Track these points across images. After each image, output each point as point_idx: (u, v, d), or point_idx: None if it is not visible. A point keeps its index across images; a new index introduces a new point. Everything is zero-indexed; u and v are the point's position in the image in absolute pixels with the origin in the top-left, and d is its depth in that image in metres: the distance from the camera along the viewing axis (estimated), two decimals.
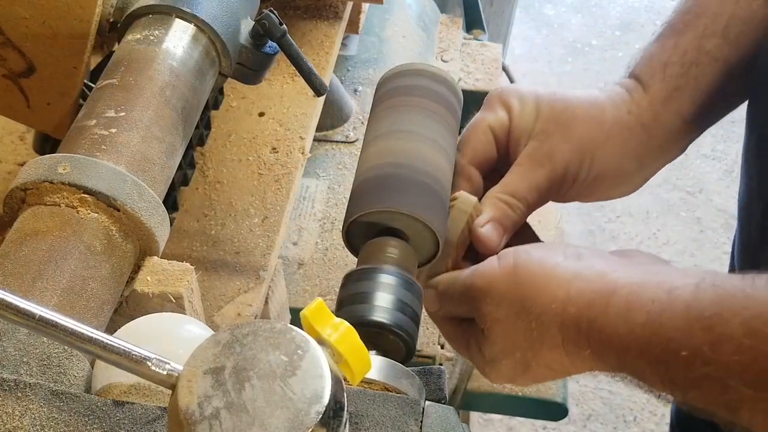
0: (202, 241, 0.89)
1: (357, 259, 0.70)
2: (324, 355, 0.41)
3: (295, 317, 0.54)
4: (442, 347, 1.07)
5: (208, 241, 0.89)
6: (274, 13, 0.76)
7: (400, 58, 1.31)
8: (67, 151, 0.64)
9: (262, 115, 1.01)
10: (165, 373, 0.41)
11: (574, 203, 0.72)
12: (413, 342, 0.64)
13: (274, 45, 0.78)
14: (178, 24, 0.73)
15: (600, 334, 0.53)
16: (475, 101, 1.33)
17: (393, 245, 0.68)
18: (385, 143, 0.72)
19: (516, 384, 0.64)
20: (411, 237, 0.69)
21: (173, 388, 0.40)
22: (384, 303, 0.64)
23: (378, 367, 0.57)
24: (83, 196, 0.61)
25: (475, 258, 0.62)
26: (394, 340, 0.63)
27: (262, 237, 0.89)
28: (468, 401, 1.07)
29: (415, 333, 0.65)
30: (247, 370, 0.40)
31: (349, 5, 1.14)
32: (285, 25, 0.77)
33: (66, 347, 0.51)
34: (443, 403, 0.53)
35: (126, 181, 0.62)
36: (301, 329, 0.43)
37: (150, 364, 0.41)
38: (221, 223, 0.90)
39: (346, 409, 0.41)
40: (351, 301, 0.65)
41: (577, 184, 0.66)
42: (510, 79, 1.42)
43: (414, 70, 0.77)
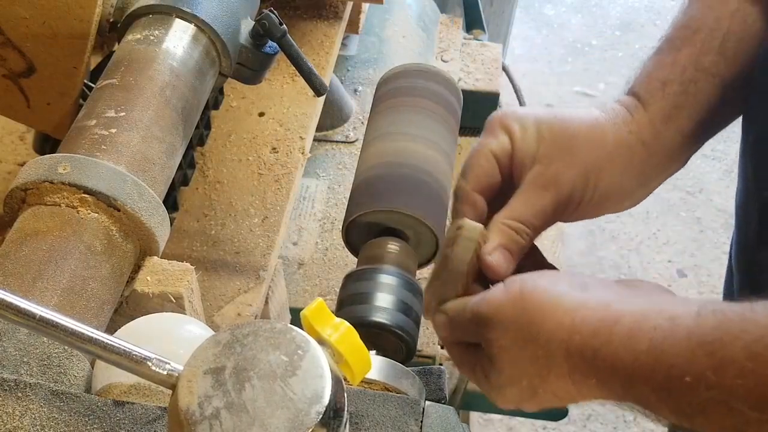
0: (202, 241, 0.89)
1: (357, 259, 0.71)
2: (324, 355, 0.41)
3: (295, 317, 0.54)
4: (442, 347, 1.08)
5: (208, 241, 0.89)
6: (274, 13, 0.76)
7: (400, 58, 1.31)
8: (67, 151, 0.64)
9: (262, 115, 1.01)
10: (165, 373, 0.41)
11: None
12: (413, 342, 0.65)
13: (274, 45, 0.78)
14: (178, 24, 0.73)
15: (604, 363, 0.53)
16: (475, 101, 1.34)
17: (393, 245, 0.68)
18: (385, 143, 0.72)
19: (523, 409, 0.64)
20: (411, 237, 0.69)
21: (173, 388, 0.40)
22: (384, 303, 0.64)
23: (378, 367, 0.57)
24: (83, 196, 0.60)
25: (485, 282, 0.63)
26: (394, 341, 0.63)
27: (262, 237, 0.89)
28: (468, 401, 1.07)
29: (416, 333, 0.65)
30: (248, 370, 0.40)
31: (349, 5, 1.14)
32: (285, 25, 0.77)
33: (66, 347, 0.51)
34: (443, 403, 0.53)
35: (126, 181, 0.62)
36: (302, 329, 0.43)
37: (150, 364, 0.41)
38: (221, 223, 0.90)
39: (346, 409, 0.41)
40: (351, 302, 0.65)
41: (581, 205, 0.67)
42: (510, 79, 1.42)
43: (414, 70, 0.77)
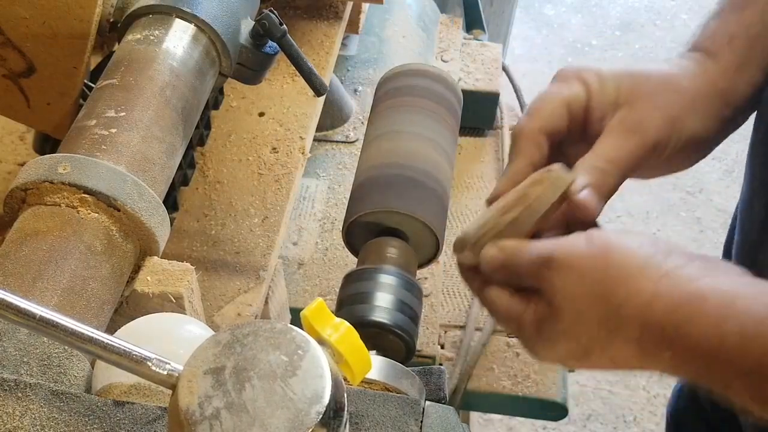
0: (202, 241, 0.89)
1: (357, 259, 0.71)
2: (324, 355, 0.41)
3: (295, 317, 0.54)
4: (442, 347, 1.08)
5: (208, 241, 0.89)
6: (274, 13, 0.76)
7: (400, 58, 1.31)
8: (67, 151, 0.64)
9: (262, 115, 1.01)
10: (165, 373, 0.41)
11: None
12: (413, 342, 0.65)
13: (274, 45, 0.78)
14: (178, 24, 0.73)
15: (687, 340, 0.52)
16: (475, 101, 1.34)
17: (393, 245, 0.68)
18: (385, 143, 0.72)
19: (564, 365, 0.61)
20: (411, 237, 0.69)
21: (173, 388, 0.40)
22: (384, 303, 0.64)
23: (378, 367, 0.57)
24: (83, 196, 0.60)
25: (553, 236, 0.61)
26: (394, 340, 0.64)
27: (262, 237, 0.89)
28: (468, 401, 1.07)
29: (415, 333, 0.65)
30: (248, 370, 0.40)
31: (349, 5, 1.14)
32: (285, 25, 0.77)
33: (66, 347, 0.51)
34: (443, 403, 0.53)
35: (126, 181, 0.62)
36: (302, 329, 0.43)
37: (150, 364, 0.41)
38: (221, 223, 0.90)
39: (346, 409, 0.41)
40: (351, 301, 0.65)
41: (666, 152, 0.66)
42: (510, 79, 1.42)
43: (414, 70, 0.77)
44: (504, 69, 1.40)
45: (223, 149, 0.97)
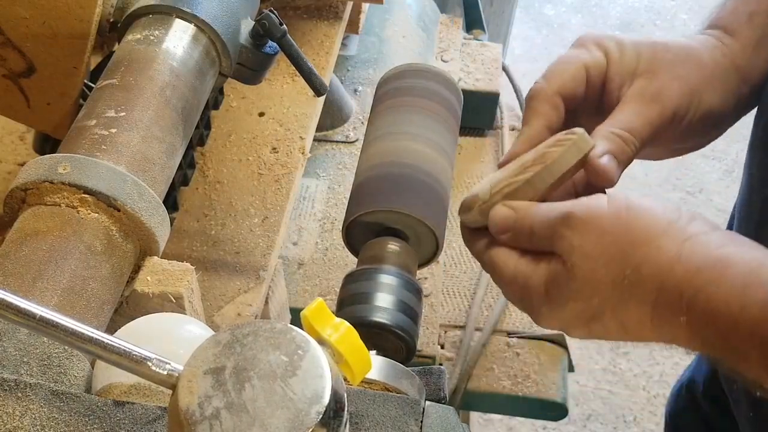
0: (202, 241, 0.89)
1: (357, 259, 0.71)
2: (324, 355, 0.41)
3: (295, 317, 0.54)
4: (442, 347, 1.08)
5: (208, 241, 0.89)
6: (274, 13, 0.76)
7: (400, 58, 1.31)
8: (67, 151, 0.64)
9: (262, 115, 1.01)
10: (165, 373, 0.41)
11: None
12: (413, 342, 0.64)
13: (274, 45, 0.78)
14: (178, 24, 0.73)
15: (707, 306, 0.50)
16: (475, 101, 1.34)
17: (393, 245, 0.68)
18: (385, 143, 0.72)
19: (569, 333, 0.59)
20: (411, 237, 0.69)
21: (173, 388, 0.40)
22: (384, 303, 0.64)
23: (378, 367, 0.57)
24: (83, 196, 0.60)
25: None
26: (394, 341, 0.63)
27: (262, 237, 0.89)
28: (468, 401, 1.07)
29: (416, 333, 0.65)
30: (248, 371, 0.40)
31: (349, 5, 1.14)
32: (285, 25, 0.77)
33: (66, 347, 0.50)
34: (443, 403, 0.53)
35: (126, 181, 0.62)
36: (302, 329, 0.43)
37: (150, 364, 0.41)
38: (221, 223, 0.90)
39: (346, 409, 0.41)
40: (351, 302, 0.65)
41: (684, 124, 0.65)
42: (510, 79, 1.42)
43: (414, 70, 0.77)
44: (504, 69, 1.40)
45: (223, 149, 0.97)
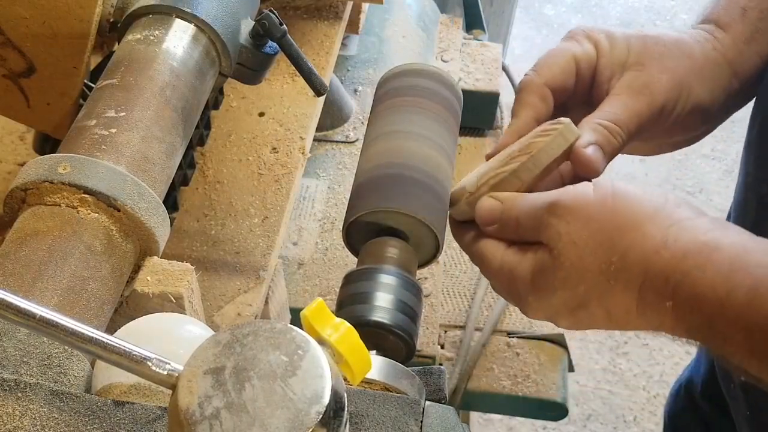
0: (202, 241, 0.89)
1: (357, 259, 0.71)
2: (324, 355, 0.41)
3: (295, 317, 0.54)
4: (442, 347, 1.08)
5: (208, 241, 0.89)
6: (274, 13, 0.76)
7: (400, 58, 1.31)
8: (67, 151, 0.64)
9: (262, 115, 1.01)
10: (165, 373, 0.41)
11: None
12: (413, 342, 0.64)
13: (274, 45, 0.78)
14: (178, 24, 0.73)
15: (692, 290, 0.50)
16: (475, 101, 1.34)
17: (393, 245, 0.68)
18: (385, 143, 0.72)
19: (557, 323, 0.59)
20: (411, 237, 0.69)
21: (173, 388, 0.40)
22: (384, 303, 0.64)
23: (378, 367, 0.57)
24: (83, 196, 0.60)
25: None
26: (394, 341, 0.63)
27: (262, 237, 0.89)
28: (468, 401, 1.07)
29: (415, 333, 0.65)
30: (248, 370, 0.40)
31: (349, 5, 1.14)
32: (285, 25, 0.77)
33: (66, 347, 0.50)
34: (443, 403, 0.53)
35: (126, 181, 0.62)
36: (301, 329, 0.43)
37: (150, 364, 0.41)
38: (221, 223, 0.90)
39: (346, 409, 0.41)
40: (351, 301, 0.65)
41: (672, 117, 0.65)
42: (510, 79, 1.42)
43: (414, 70, 0.77)
44: (504, 69, 1.40)
45: (223, 149, 0.97)
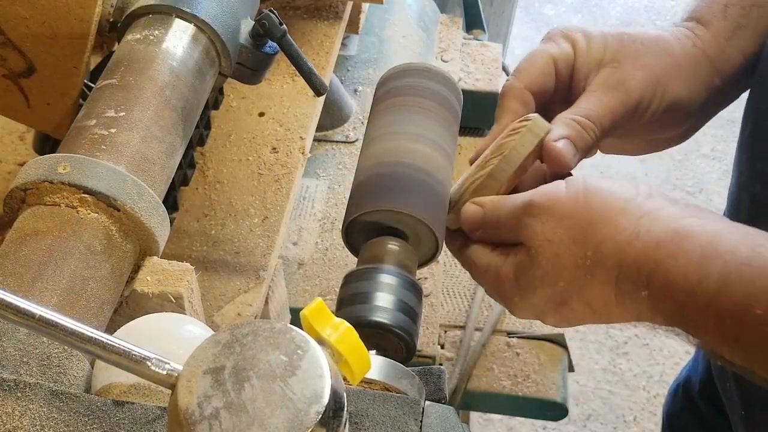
0: (202, 241, 0.89)
1: (357, 259, 0.71)
2: (324, 355, 0.41)
3: (295, 317, 0.54)
4: (442, 347, 1.08)
5: (208, 241, 0.89)
6: (274, 13, 0.76)
7: (400, 58, 1.31)
8: (67, 151, 0.64)
9: (262, 115, 1.01)
10: (165, 372, 0.41)
11: None
12: (413, 342, 0.64)
13: (274, 45, 0.78)
14: (178, 24, 0.73)
15: (665, 278, 0.51)
16: (475, 101, 1.34)
17: (393, 245, 0.68)
18: (384, 143, 0.72)
19: (544, 321, 0.60)
20: (411, 237, 0.69)
21: (173, 388, 0.40)
22: (384, 303, 0.64)
23: (378, 367, 0.57)
24: (83, 196, 0.60)
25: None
26: (394, 340, 0.63)
27: (262, 237, 0.89)
28: (468, 401, 1.07)
29: (416, 333, 0.65)
30: (247, 370, 0.40)
31: (349, 5, 1.14)
32: (285, 25, 0.77)
33: (66, 347, 0.50)
34: (443, 403, 0.53)
35: (126, 181, 0.62)
36: (301, 329, 0.43)
37: (150, 364, 0.41)
38: (221, 223, 0.90)
39: (345, 409, 0.41)
40: (351, 301, 0.65)
41: (648, 114, 0.65)
42: None
43: (414, 69, 0.77)
44: (504, 69, 1.40)
45: (223, 149, 0.97)
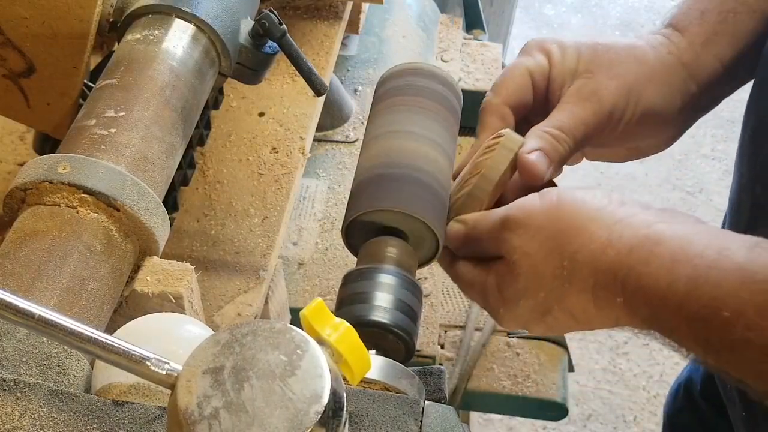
0: (202, 241, 0.89)
1: (357, 259, 0.70)
2: (323, 355, 0.41)
3: (295, 317, 0.54)
4: (442, 347, 1.08)
5: (208, 241, 0.89)
6: (274, 13, 0.76)
7: (400, 58, 1.31)
8: (67, 151, 0.64)
9: (262, 115, 1.01)
10: (164, 372, 0.41)
11: None
12: (413, 342, 0.64)
13: (274, 45, 0.78)
14: (178, 24, 0.73)
15: (638, 283, 0.51)
16: (475, 101, 1.33)
17: (393, 245, 0.68)
18: (384, 143, 0.72)
19: (530, 331, 0.61)
20: (411, 236, 0.69)
21: (172, 387, 0.40)
22: (384, 303, 0.63)
23: (378, 366, 0.57)
24: (83, 196, 0.61)
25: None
26: (393, 340, 0.63)
27: (262, 237, 0.89)
28: (468, 401, 1.07)
29: (415, 333, 0.65)
30: (247, 370, 0.40)
31: (349, 5, 1.14)
32: (285, 25, 0.77)
33: (66, 347, 0.51)
34: (443, 403, 0.53)
35: (126, 181, 0.62)
36: (301, 329, 0.43)
37: (149, 363, 0.41)
38: (221, 223, 0.90)
39: (345, 408, 0.41)
40: (351, 301, 0.65)
41: (622, 123, 0.66)
42: None
43: (413, 69, 0.77)
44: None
45: (223, 149, 0.97)
